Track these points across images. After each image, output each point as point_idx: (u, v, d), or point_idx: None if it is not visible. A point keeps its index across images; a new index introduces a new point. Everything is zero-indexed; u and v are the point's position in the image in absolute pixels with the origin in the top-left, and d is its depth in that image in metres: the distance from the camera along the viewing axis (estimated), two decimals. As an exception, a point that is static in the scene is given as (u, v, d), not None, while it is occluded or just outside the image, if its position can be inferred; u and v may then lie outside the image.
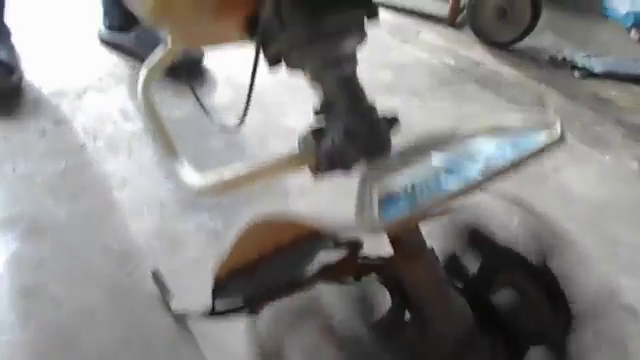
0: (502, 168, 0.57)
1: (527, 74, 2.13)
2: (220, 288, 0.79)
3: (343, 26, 0.63)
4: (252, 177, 0.68)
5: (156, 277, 1.12)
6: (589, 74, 2.14)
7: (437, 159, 0.61)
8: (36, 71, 1.83)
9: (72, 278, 1.17)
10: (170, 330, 1.05)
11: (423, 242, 0.68)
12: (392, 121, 0.69)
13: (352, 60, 0.66)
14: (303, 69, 0.67)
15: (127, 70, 1.90)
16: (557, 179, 1.55)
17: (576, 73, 2.15)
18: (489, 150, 0.61)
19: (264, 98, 1.75)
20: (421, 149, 0.64)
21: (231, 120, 0.78)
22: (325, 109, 0.66)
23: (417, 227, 0.68)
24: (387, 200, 0.56)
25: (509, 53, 2.26)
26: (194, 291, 1.12)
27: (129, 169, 1.49)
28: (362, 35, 0.66)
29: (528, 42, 2.27)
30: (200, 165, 0.85)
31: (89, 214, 1.35)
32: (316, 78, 0.66)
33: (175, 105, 1.69)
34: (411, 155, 0.64)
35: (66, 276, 1.17)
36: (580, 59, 2.19)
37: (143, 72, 0.86)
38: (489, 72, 2.14)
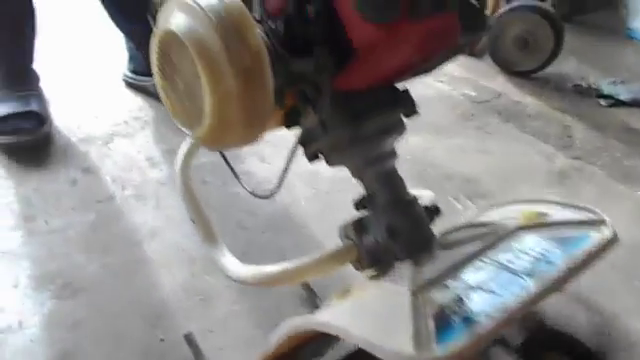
0: (559, 276, 0.53)
1: (551, 104, 2.10)
2: None
3: (384, 127, 0.63)
4: (295, 275, 0.68)
5: (189, 340, 1.12)
6: (616, 102, 2.10)
7: (483, 264, 0.57)
8: (63, 116, 1.87)
9: (106, 343, 1.18)
10: (204, 397, 1.06)
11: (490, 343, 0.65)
12: (433, 212, 0.68)
13: (392, 156, 0.66)
14: (343, 164, 0.67)
15: (152, 113, 1.93)
16: None
17: (602, 101, 2.12)
18: (537, 251, 0.56)
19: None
20: (463, 248, 0.60)
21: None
22: (366, 203, 0.66)
23: None
24: (441, 322, 0.51)
25: (531, 82, 2.24)
26: (227, 349, 1.13)
27: (158, 219, 1.51)
28: (402, 131, 0.66)
29: (551, 69, 2.25)
30: (226, 218, 0.84)
31: (120, 269, 1.37)
32: (356, 175, 0.66)
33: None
34: (453, 256, 0.59)
35: (100, 341, 1.19)
36: (606, 86, 2.16)
37: (180, 156, 0.87)
38: (511, 103, 2.12)
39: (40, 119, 1.69)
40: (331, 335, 0.72)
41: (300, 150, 0.68)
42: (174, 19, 0.55)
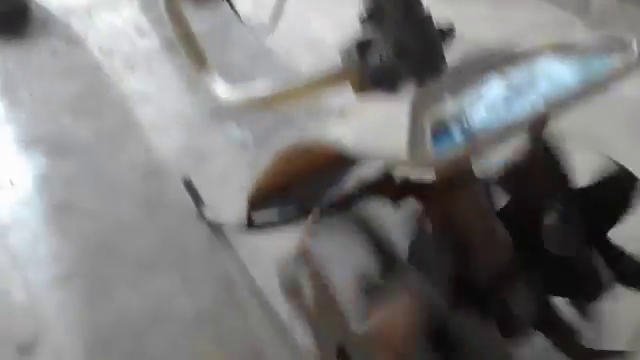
0: (570, 95, 0.50)
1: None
2: (255, 205, 0.77)
3: None
4: (288, 95, 0.62)
5: (188, 185, 1.10)
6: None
7: (494, 82, 0.54)
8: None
9: (103, 194, 1.16)
10: (205, 237, 1.05)
11: (471, 171, 0.63)
12: (447, 33, 0.60)
13: None
14: None
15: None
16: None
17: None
18: (554, 73, 0.53)
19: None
20: (476, 69, 0.56)
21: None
22: (373, 16, 0.58)
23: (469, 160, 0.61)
24: (439, 131, 0.50)
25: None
26: (225, 201, 1.11)
27: (150, 86, 1.43)
28: None
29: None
30: (225, 79, 0.79)
31: (112, 132, 1.32)
32: None
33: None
34: (465, 76, 0.56)
35: (97, 192, 1.16)
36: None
37: None
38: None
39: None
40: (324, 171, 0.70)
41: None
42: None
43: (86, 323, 0.92)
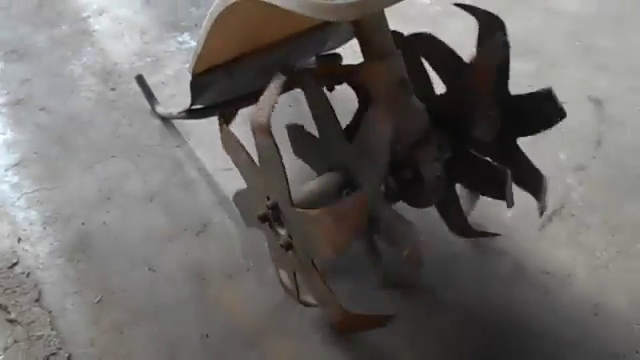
0: None
1: None
2: (198, 85, 0.81)
3: None
4: None
5: (141, 82, 1.14)
6: None
7: None
8: None
9: (57, 92, 1.19)
10: (156, 129, 1.10)
11: (391, 44, 0.68)
12: None
13: None
14: None
15: None
16: None
17: None
18: None
19: None
20: None
21: None
22: None
23: (387, 29, 0.67)
24: None
25: None
26: (179, 95, 1.16)
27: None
28: None
29: None
30: None
31: (68, 40, 1.34)
32: None
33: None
34: None
35: (51, 90, 1.20)
36: None
37: None
38: None
39: None
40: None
41: None
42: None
43: (42, 201, 0.97)
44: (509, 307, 0.78)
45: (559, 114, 0.70)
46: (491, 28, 0.70)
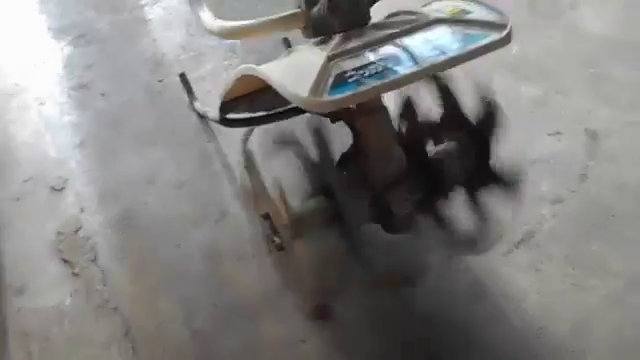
0: (443, 62, 0.66)
1: None
2: (225, 108, 0.98)
3: None
4: (252, 31, 0.82)
5: (184, 79, 1.33)
6: None
7: (396, 42, 0.69)
8: None
9: (115, 79, 1.41)
10: (193, 123, 1.30)
11: (380, 103, 0.80)
12: None
13: None
14: None
15: None
16: (572, 15, 1.49)
17: None
18: (442, 40, 0.68)
19: None
20: (386, 28, 0.71)
21: None
22: None
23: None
24: (340, 80, 0.65)
25: None
26: (212, 96, 1.34)
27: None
28: None
29: None
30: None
31: (127, 26, 1.53)
32: None
33: None
34: (377, 33, 0.71)
35: (110, 77, 1.41)
36: None
37: None
38: None
39: None
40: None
41: None
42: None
43: (99, 178, 1.22)
44: (463, 321, 0.92)
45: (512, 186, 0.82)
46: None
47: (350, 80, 0.65)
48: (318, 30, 0.75)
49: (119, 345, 0.94)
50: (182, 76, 1.33)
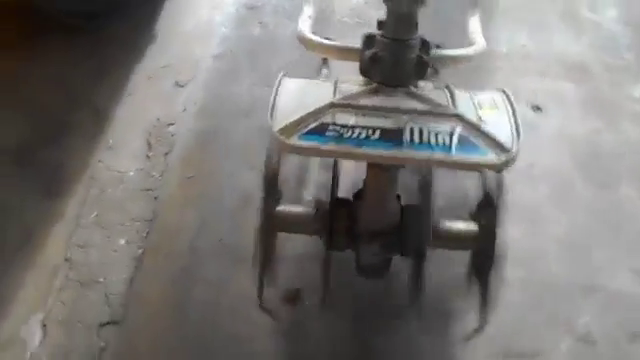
0: (420, 159, 0.65)
1: None
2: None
3: None
4: (322, 49, 0.86)
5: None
6: None
7: (401, 118, 0.66)
8: None
9: (281, 14, 1.51)
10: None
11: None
12: (425, 64, 0.71)
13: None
14: None
15: None
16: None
17: None
18: (442, 137, 0.65)
19: None
20: (414, 100, 0.69)
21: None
22: (379, 26, 0.73)
23: None
24: (321, 129, 0.65)
25: None
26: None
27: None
28: None
29: None
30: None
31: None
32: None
33: None
34: (398, 101, 0.69)
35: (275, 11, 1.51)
36: None
37: None
38: None
39: None
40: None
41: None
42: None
43: (215, 89, 1.33)
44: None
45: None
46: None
47: (327, 133, 0.65)
48: (363, 72, 0.75)
49: (139, 226, 1.07)
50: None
